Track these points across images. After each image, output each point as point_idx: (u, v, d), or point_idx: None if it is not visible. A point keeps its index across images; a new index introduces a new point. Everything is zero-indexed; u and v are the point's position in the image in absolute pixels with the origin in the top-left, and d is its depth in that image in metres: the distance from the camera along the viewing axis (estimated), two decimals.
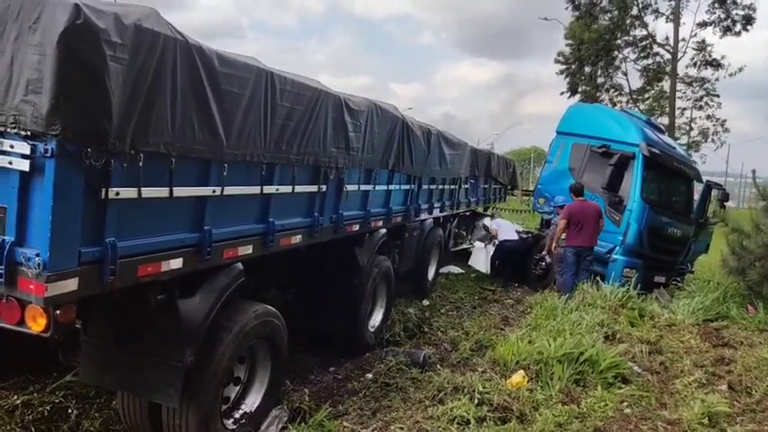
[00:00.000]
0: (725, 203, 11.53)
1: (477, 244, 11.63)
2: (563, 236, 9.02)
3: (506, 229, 11.20)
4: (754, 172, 10.08)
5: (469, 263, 11.43)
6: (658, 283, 10.02)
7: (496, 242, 10.99)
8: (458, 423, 4.29)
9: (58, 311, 2.57)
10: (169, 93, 2.88)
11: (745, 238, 8.53)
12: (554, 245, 9.30)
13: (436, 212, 8.68)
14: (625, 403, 5.06)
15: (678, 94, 28.49)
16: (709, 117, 29.21)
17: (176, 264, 3.20)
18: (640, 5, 28.32)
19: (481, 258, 11.30)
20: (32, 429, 3.84)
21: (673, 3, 27.28)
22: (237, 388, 4.10)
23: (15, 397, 4.06)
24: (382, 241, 6.39)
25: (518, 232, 11.84)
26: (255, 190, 3.86)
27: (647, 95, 30.24)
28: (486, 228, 12.23)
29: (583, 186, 9.26)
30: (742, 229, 8.72)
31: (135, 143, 2.70)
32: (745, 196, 41.30)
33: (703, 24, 27.43)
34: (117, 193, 2.70)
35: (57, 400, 4.10)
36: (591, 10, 28.77)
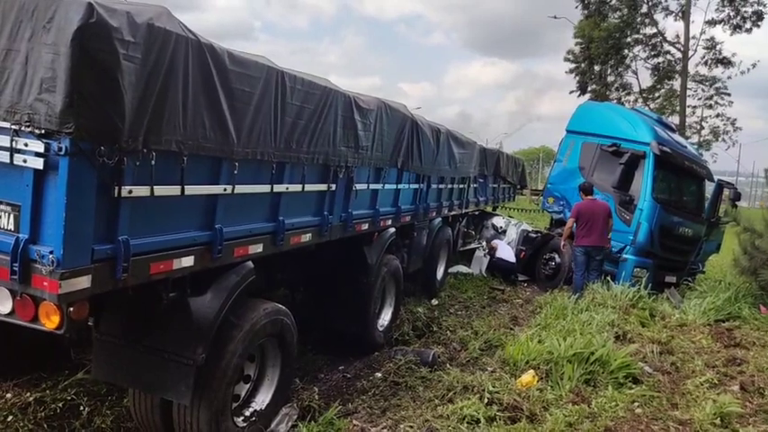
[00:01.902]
0: (736, 203, 11.44)
1: (478, 253, 11.69)
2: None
3: (505, 250, 11.35)
4: (766, 171, 10.00)
5: (470, 269, 11.52)
6: (669, 283, 9.96)
7: (494, 255, 11.20)
8: (468, 422, 4.28)
9: (71, 309, 2.58)
10: (181, 91, 2.89)
11: (758, 238, 8.48)
12: (563, 242, 9.30)
13: (445, 212, 8.67)
14: (636, 403, 5.03)
15: (689, 93, 28.32)
16: (719, 116, 29.03)
17: (188, 262, 3.21)
18: (650, 3, 28.17)
19: (479, 266, 11.47)
20: (45, 426, 3.87)
21: (683, 0, 27.09)
22: (248, 386, 4.11)
23: (28, 394, 4.09)
24: (391, 240, 6.39)
25: (527, 232, 11.83)
26: (266, 188, 3.86)
27: (657, 94, 30.07)
28: (494, 227, 12.21)
29: (592, 186, 9.22)
30: (754, 229, 8.66)
31: (147, 141, 2.71)
32: (756, 195, 40.96)
33: (713, 22, 27.25)
34: (130, 191, 2.72)
35: (69, 398, 4.12)
36: (600, 8, 28.67)
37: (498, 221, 12.47)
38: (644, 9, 28.44)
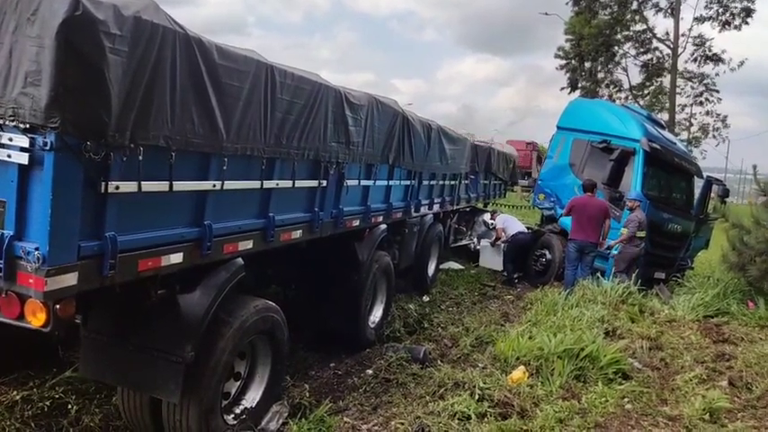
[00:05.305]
0: (725, 199, 11.53)
1: (483, 243, 11.61)
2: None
3: (513, 224, 11.10)
4: (755, 167, 10.05)
5: (480, 263, 11.43)
6: (658, 279, 10.03)
7: (505, 239, 10.90)
8: (458, 419, 4.28)
9: (57, 306, 2.54)
10: (168, 85, 2.85)
11: (746, 234, 8.53)
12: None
13: (436, 208, 8.65)
14: (626, 399, 5.06)
15: (678, 90, 28.51)
16: (708, 113, 29.28)
17: (176, 258, 3.18)
18: (640, 0, 28.31)
19: (491, 257, 11.29)
20: (32, 425, 3.82)
21: None
22: (238, 383, 4.08)
23: (15, 392, 4.04)
24: (382, 237, 6.37)
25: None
26: (255, 184, 3.83)
27: (646, 91, 30.27)
28: (485, 224, 12.19)
29: (593, 184, 9.19)
30: (742, 225, 8.71)
31: (134, 136, 2.67)
32: (745, 192, 41.36)
33: (701, 19, 27.43)
34: (117, 187, 2.68)
35: (56, 396, 4.07)
36: (591, 5, 28.79)
37: (490, 218, 12.47)
38: (634, 6, 28.61)
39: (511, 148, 14.70)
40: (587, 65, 30.34)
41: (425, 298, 8.70)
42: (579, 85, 30.61)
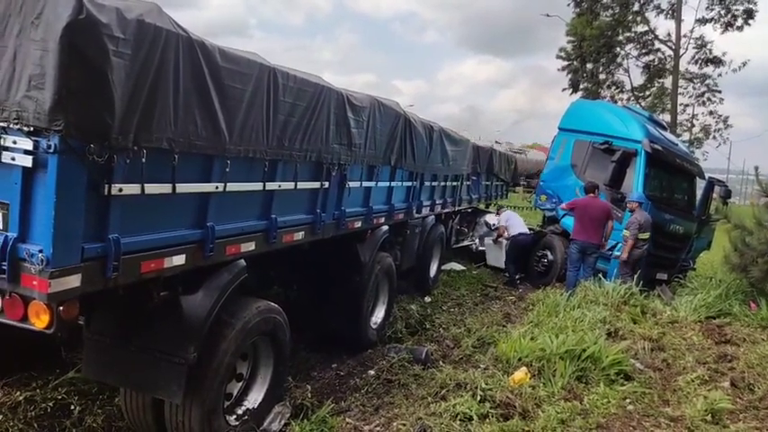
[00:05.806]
0: (727, 200, 11.51)
1: (488, 241, 11.61)
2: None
3: (516, 223, 11.03)
4: (756, 168, 10.04)
5: (488, 262, 11.46)
6: (660, 280, 10.02)
7: (507, 238, 10.90)
8: (460, 419, 4.28)
9: (61, 308, 2.56)
10: (171, 88, 2.86)
11: (748, 235, 8.51)
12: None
13: (438, 209, 8.67)
14: (627, 400, 5.06)
15: (680, 90, 28.45)
16: (711, 113, 29.22)
17: (179, 260, 3.19)
18: (641, 1, 28.27)
19: (497, 255, 11.34)
20: (35, 426, 3.84)
21: None
22: (240, 384, 4.09)
23: (18, 393, 4.06)
24: (384, 238, 6.38)
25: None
26: (258, 186, 3.84)
27: (648, 92, 30.20)
28: (487, 225, 12.19)
29: (595, 185, 9.20)
30: (744, 226, 8.69)
31: (138, 139, 2.68)
32: (747, 193, 41.31)
33: (703, 21, 27.36)
34: (120, 190, 2.70)
35: (59, 397, 4.10)
36: (592, 6, 28.72)
37: (491, 219, 12.49)
38: (636, 7, 28.54)
39: (540, 155, 14.85)
40: (589, 66, 30.25)
41: (427, 299, 8.71)
42: (581, 86, 30.53)
